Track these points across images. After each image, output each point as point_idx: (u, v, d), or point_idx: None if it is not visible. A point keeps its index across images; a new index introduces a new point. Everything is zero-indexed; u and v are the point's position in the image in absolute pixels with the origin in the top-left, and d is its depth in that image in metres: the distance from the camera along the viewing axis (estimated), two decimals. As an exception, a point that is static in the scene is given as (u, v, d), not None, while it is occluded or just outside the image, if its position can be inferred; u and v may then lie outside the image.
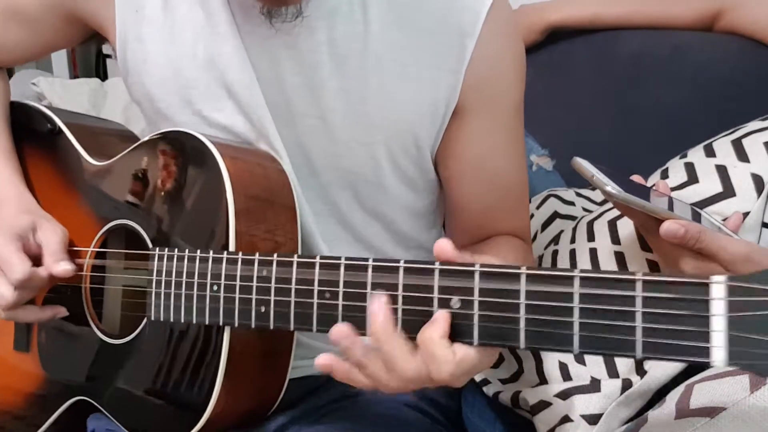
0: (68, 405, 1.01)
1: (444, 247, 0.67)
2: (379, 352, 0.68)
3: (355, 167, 0.98)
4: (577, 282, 0.60)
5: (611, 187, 0.79)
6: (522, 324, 0.62)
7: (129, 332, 0.94)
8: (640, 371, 0.89)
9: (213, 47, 0.96)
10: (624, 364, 0.91)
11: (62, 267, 0.96)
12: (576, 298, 0.60)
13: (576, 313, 0.60)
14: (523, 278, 0.62)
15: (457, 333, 0.66)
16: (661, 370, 0.87)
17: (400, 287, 0.69)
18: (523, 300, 0.62)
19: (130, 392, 0.94)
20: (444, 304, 0.66)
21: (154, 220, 0.94)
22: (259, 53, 0.95)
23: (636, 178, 0.92)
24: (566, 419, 0.92)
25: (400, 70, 0.94)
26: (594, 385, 0.91)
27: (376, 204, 1.02)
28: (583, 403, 0.91)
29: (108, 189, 1.01)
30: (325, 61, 0.93)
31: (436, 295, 0.67)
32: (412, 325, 0.68)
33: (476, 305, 0.65)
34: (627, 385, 0.89)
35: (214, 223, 0.87)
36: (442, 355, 0.65)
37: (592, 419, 0.90)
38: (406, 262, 0.69)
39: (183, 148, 0.93)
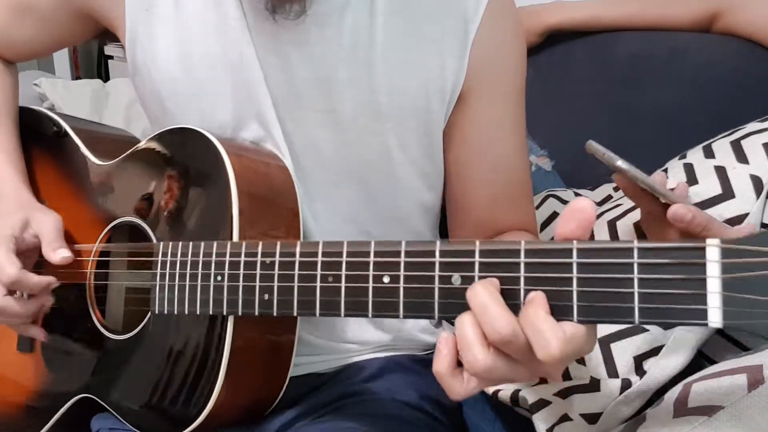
0: (72, 403, 1.02)
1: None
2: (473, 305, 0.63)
3: (366, 157, 0.99)
4: (574, 253, 0.61)
5: (621, 162, 0.80)
6: (521, 296, 0.63)
7: (133, 328, 0.95)
8: (640, 371, 0.89)
9: (222, 46, 0.97)
10: (623, 365, 0.91)
11: (60, 255, 0.97)
12: (574, 268, 0.61)
13: (574, 282, 0.61)
14: (522, 252, 0.63)
15: (460, 310, 0.66)
16: (660, 370, 0.87)
17: (402, 268, 0.69)
18: (522, 273, 0.63)
19: (133, 387, 0.94)
20: (445, 281, 0.67)
21: (159, 216, 0.94)
22: (268, 50, 0.95)
23: None
24: (565, 418, 0.92)
25: (407, 58, 0.95)
26: (593, 385, 0.91)
27: (386, 197, 1.02)
28: (582, 402, 0.91)
29: (113, 187, 1.02)
30: (334, 54, 0.94)
31: (437, 273, 0.67)
32: (414, 306, 0.69)
33: (477, 280, 0.65)
34: (626, 385, 0.89)
35: (218, 221, 0.88)
36: (550, 330, 0.59)
37: (592, 418, 0.90)
38: (407, 244, 0.69)
39: (189, 145, 0.94)
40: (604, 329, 0.93)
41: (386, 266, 0.70)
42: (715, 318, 0.56)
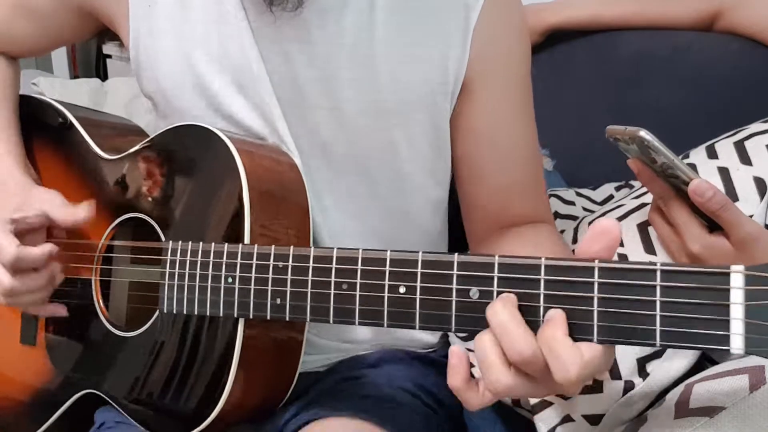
0: (76, 398, 1.01)
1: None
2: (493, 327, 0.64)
3: (371, 154, 0.99)
4: (596, 272, 0.61)
5: (645, 133, 0.80)
6: (540, 314, 0.63)
7: (140, 325, 0.94)
8: (643, 373, 0.89)
9: (225, 42, 0.96)
10: (627, 367, 0.90)
11: (83, 212, 0.96)
12: (596, 287, 0.61)
13: (595, 302, 0.61)
14: (542, 269, 0.63)
15: (477, 323, 0.66)
16: (663, 372, 0.87)
17: (419, 279, 0.69)
18: (542, 290, 0.63)
19: (141, 385, 0.94)
20: (463, 294, 0.67)
21: (168, 213, 0.94)
22: (271, 48, 0.95)
23: None
24: (567, 419, 0.92)
25: (410, 53, 0.95)
26: (596, 386, 0.91)
27: (393, 193, 1.02)
28: (584, 403, 0.91)
29: (121, 182, 1.01)
30: (336, 52, 0.94)
31: (454, 285, 0.67)
32: (431, 318, 0.69)
33: (495, 296, 0.65)
34: (629, 387, 0.88)
35: (229, 217, 0.88)
36: (568, 356, 0.60)
37: (594, 419, 0.90)
38: (423, 254, 0.69)
39: (198, 142, 0.93)
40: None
41: (402, 276, 0.70)
42: (737, 344, 0.57)
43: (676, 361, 0.87)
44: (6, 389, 1.11)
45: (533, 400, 0.95)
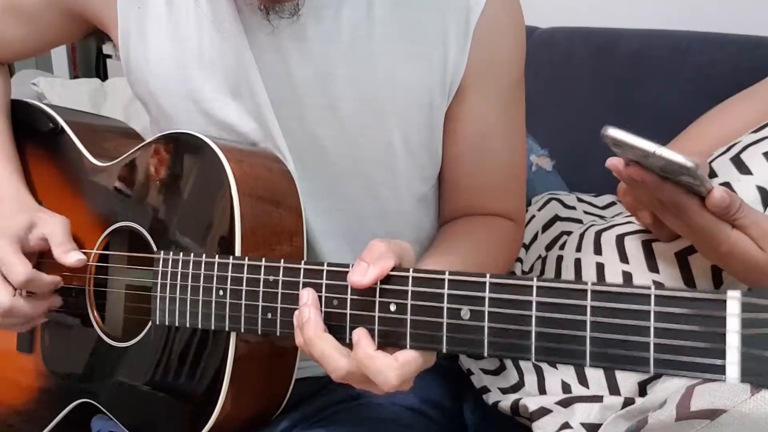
0: (72, 407, 1.01)
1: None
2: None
3: (368, 153, 0.98)
4: (589, 295, 0.60)
5: (684, 159, 0.74)
6: (533, 337, 0.62)
7: (133, 335, 0.94)
8: (643, 394, 0.89)
9: (218, 44, 0.95)
10: (627, 389, 0.90)
11: (74, 258, 0.96)
12: (588, 311, 0.60)
13: (588, 326, 0.60)
14: (534, 290, 0.62)
15: (468, 344, 0.65)
16: (663, 390, 0.86)
17: (410, 296, 0.69)
18: (534, 312, 0.62)
19: (135, 395, 0.93)
20: (454, 315, 0.66)
21: (159, 222, 0.93)
22: (265, 49, 0.94)
23: None
24: (566, 426, 0.92)
25: (409, 52, 0.94)
26: (596, 397, 0.91)
27: (387, 191, 1.02)
28: (583, 411, 0.91)
29: (112, 190, 1.00)
30: (332, 50, 0.93)
31: (445, 305, 0.66)
32: (422, 337, 0.68)
33: (486, 316, 0.64)
34: (629, 402, 0.88)
35: (220, 226, 0.87)
36: (384, 364, 0.68)
37: (592, 428, 0.90)
38: (414, 271, 0.69)
39: (188, 151, 0.92)
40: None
41: (393, 294, 0.70)
42: (733, 374, 0.55)
43: (676, 380, 0.86)
44: (3, 396, 1.11)
45: (532, 407, 0.95)
